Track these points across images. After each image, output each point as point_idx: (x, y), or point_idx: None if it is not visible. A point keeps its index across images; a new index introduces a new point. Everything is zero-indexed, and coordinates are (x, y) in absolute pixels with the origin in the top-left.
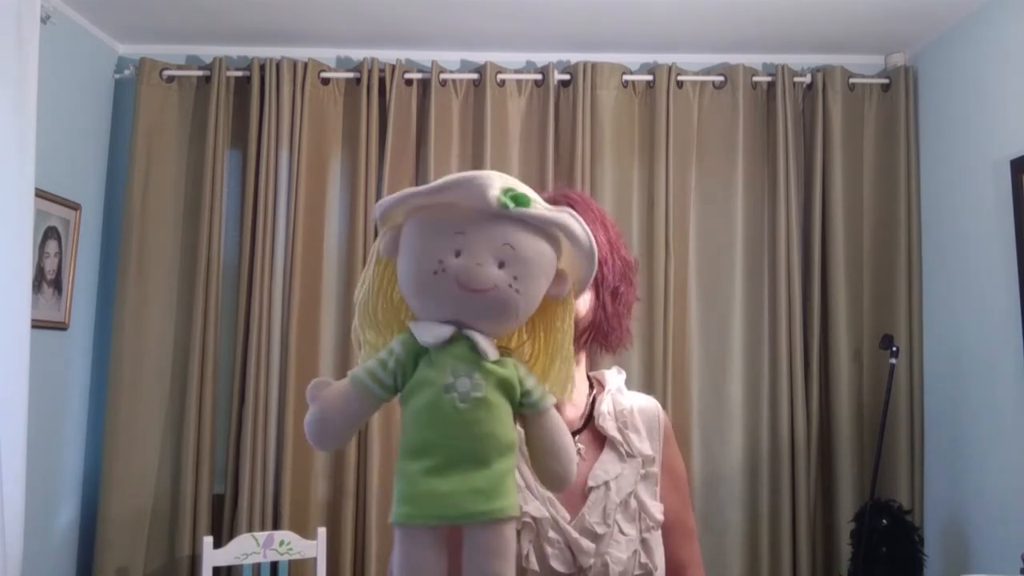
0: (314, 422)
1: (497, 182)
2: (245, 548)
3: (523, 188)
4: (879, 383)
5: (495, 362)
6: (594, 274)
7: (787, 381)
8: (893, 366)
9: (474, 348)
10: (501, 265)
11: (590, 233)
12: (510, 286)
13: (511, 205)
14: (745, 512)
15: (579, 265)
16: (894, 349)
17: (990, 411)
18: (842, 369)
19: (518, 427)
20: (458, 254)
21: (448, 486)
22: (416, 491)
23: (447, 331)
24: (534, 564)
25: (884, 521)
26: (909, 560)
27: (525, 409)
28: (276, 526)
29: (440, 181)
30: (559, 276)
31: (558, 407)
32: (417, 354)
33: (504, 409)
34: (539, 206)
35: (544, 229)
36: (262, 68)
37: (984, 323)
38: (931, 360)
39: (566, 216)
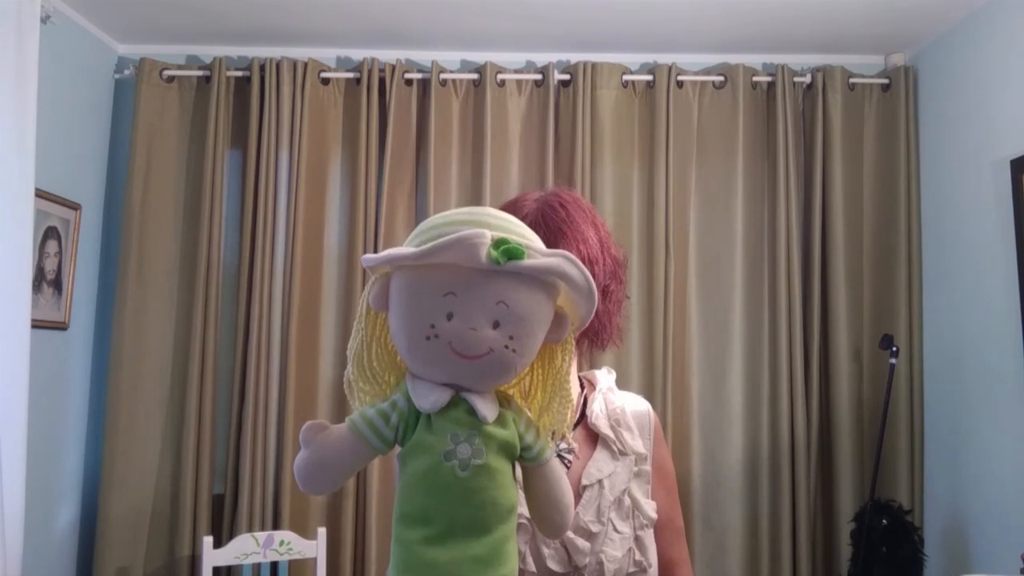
0: (308, 467)
1: (487, 237)
2: (245, 548)
3: (517, 233)
4: (879, 383)
5: (495, 422)
6: (594, 311)
7: (787, 381)
8: (893, 366)
9: (473, 411)
10: (496, 325)
11: (587, 274)
12: (506, 347)
13: (502, 261)
14: (745, 512)
15: (578, 304)
16: (894, 349)
17: (990, 411)
18: (842, 369)
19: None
20: (450, 317)
21: (448, 556)
22: (415, 561)
23: (444, 397)
24: (531, 565)
25: (884, 521)
26: (909, 560)
27: (524, 461)
28: (276, 526)
29: (429, 245)
30: (558, 319)
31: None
32: (419, 410)
33: (505, 473)
34: (533, 252)
35: (540, 278)
36: (262, 68)
37: (984, 323)
38: (931, 360)
39: (561, 262)
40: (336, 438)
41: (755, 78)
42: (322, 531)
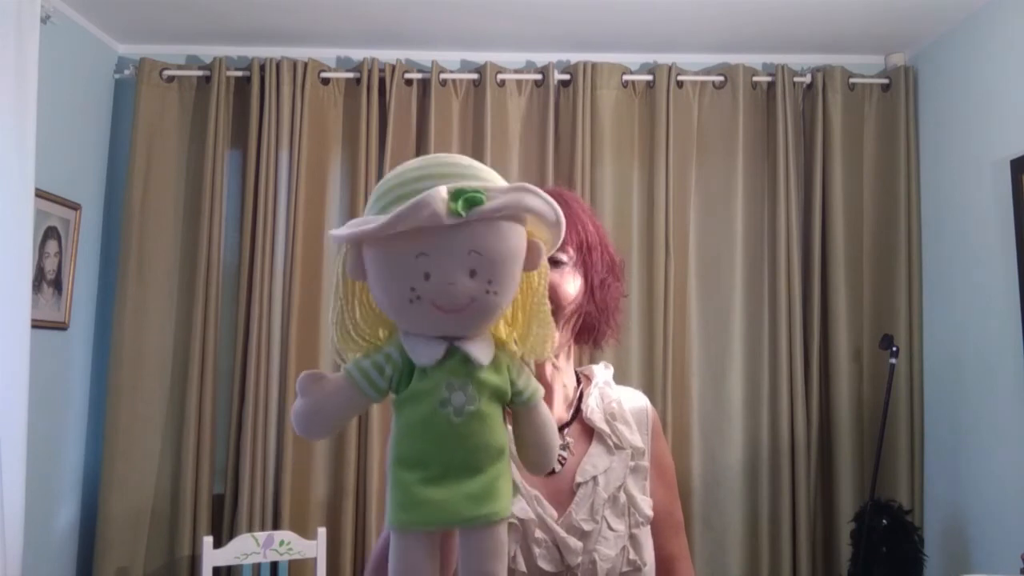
0: (305, 414)
1: (443, 191)
2: (245, 548)
3: (472, 176)
4: (879, 383)
5: (488, 367)
6: (563, 232)
7: (787, 381)
8: (893, 366)
9: (467, 359)
10: (473, 274)
11: (548, 199)
12: (487, 292)
13: (464, 211)
14: (745, 512)
15: (547, 228)
16: (894, 349)
17: (990, 411)
18: (842, 369)
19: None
20: (427, 276)
21: (444, 494)
22: (413, 499)
23: (440, 350)
24: (521, 565)
25: (884, 521)
26: (909, 560)
27: (515, 405)
28: (276, 526)
29: (389, 218)
30: (531, 247)
31: (548, 394)
32: (413, 361)
33: (496, 416)
34: (492, 192)
35: (504, 216)
36: (262, 68)
37: (984, 323)
38: (931, 360)
39: (522, 196)
40: (333, 388)
41: (755, 78)
42: (322, 531)
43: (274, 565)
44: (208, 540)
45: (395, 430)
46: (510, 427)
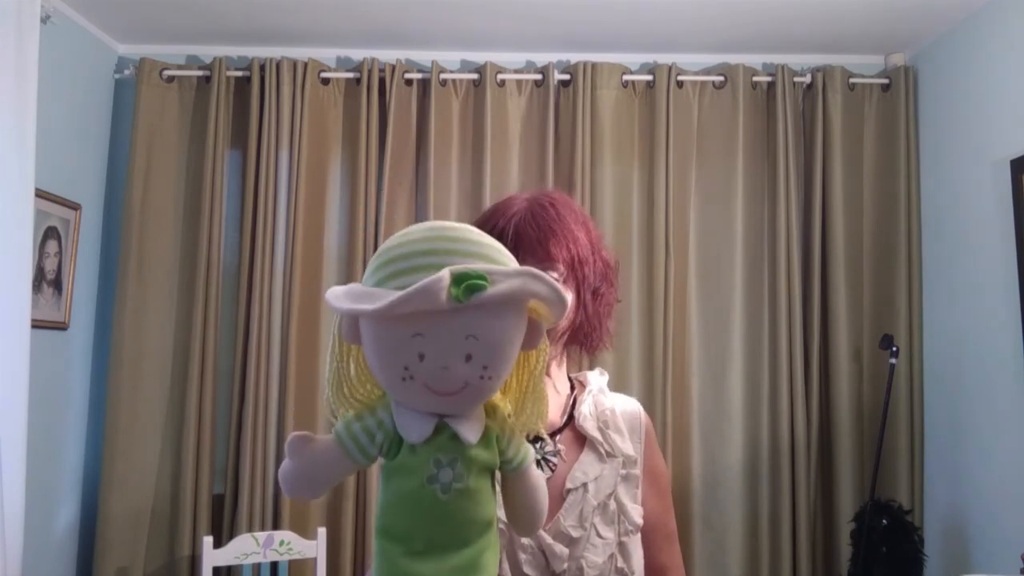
0: (294, 479)
1: (446, 280)
2: (245, 548)
3: (477, 253)
4: (879, 383)
5: (478, 443)
6: (566, 311)
7: (787, 381)
8: (893, 366)
9: (456, 436)
10: (468, 358)
11: (553, 285)
12: (481, 377)
13: (464, 299)
14: (745, 512)
15: (549, 308)
16: (894, 349)
17: (990, 411)
18: (842, 369)
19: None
20: (422, 357)
21: (429, 568)
22: (398, 571)
23: (429, 428)
24: (507, 571)
25: (884, 521)
26: (909, 560)
27: (504, 471)
28: (276, 526)
29: (391, 301)
30: (531, 327)
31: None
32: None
33: (485, 490)
34: (497, 278)
35: (506, 303)
36: (262, 68)
37: (984, 323)
38: (931, 360)
39: (525, 282)
40: (322, 451)
41: (755, 78)
42: (322, 531)
43: (274, 565)
44: (208, 540)
45: (382, 498)
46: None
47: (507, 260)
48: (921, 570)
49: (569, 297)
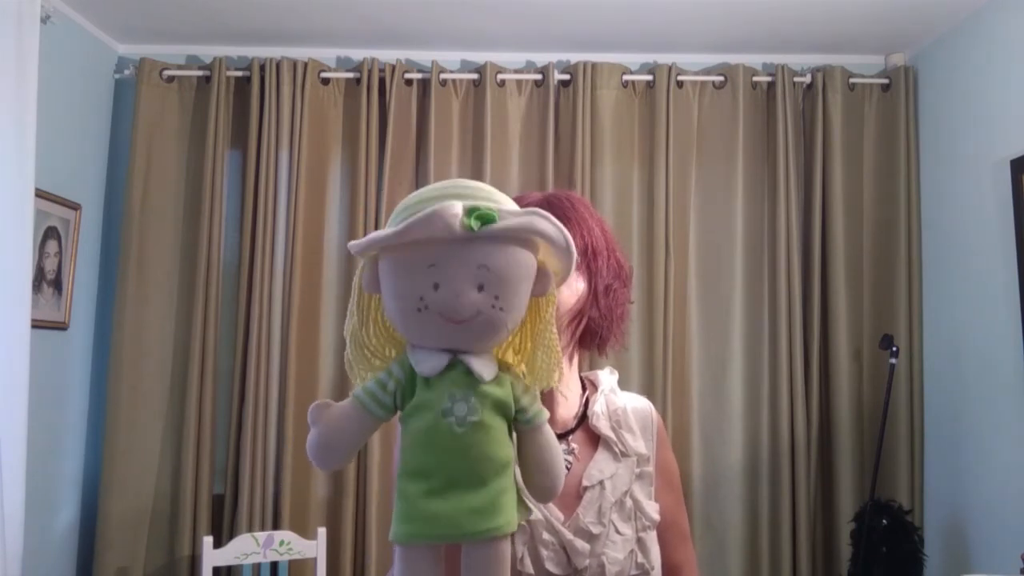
0: (317, 444)
1: (458, 206)
2: (245, 548)
3: (487, 198)
4: (879, 383)
5: (491, 382)
6: (574, 262)
7: (787, 381)
8: (893, 366)
9: (470, 371)
10: (480, 288)
11: (560, 226)
12: (493, 307)
13: (476, 227)
14: (745, 512)
15: (558, 257)
16: (894, 349)
17: (990, 411)
18: (842, 369)
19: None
20: (436, 287)
21: (447, 507)
22: (416, 512)
23: (443, 361)
24: (529, 567)
25: (884, 521)
26: (909, 560)
27: (520, 424)
28: (276, 526)
29: (405, 224)
30: (541, 274)
31: (549, 399)
32: (416, 374)
33: (500, 429)
34: (506, 214)
35: (516, 237)
36: (262, 68)
37: (984, 323)
38: (931, 360)
39: (534, 219)
40: (341, 413)
41: (755, 78)
42: (322, 531)
43: (274, 565)
44: (208, 540)
45: (401, 443)
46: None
47: (515, 208)
48: (921, 570)
49: (582, 286)
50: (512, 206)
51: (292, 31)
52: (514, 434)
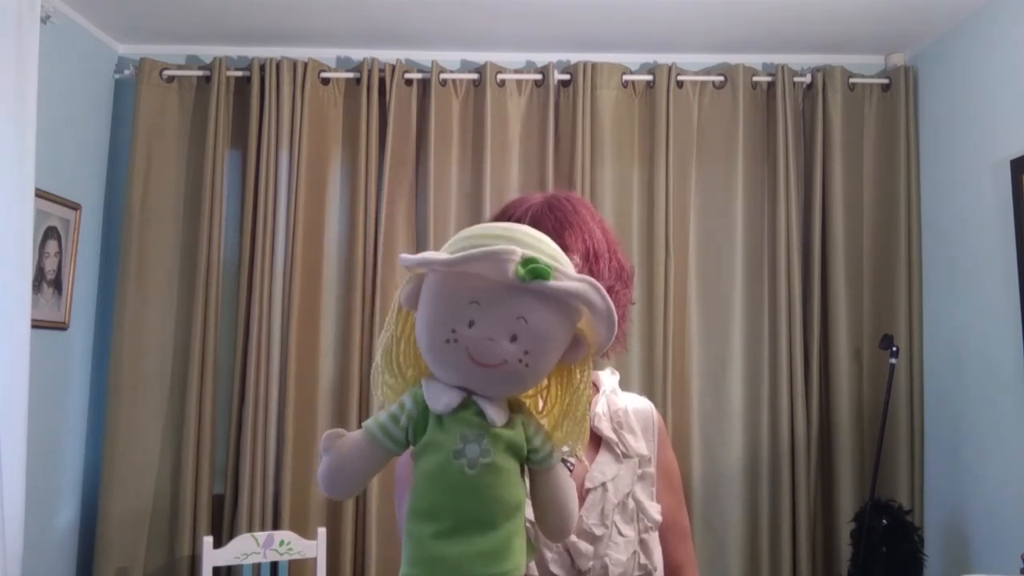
0: (328, 474)
1: (517, 255)
2: (245, 548)
3: (549, 255)
4: (879, 383)
5: (503, 425)
6: (613, 338)
7: (787, 381)
8: (893, 366)
9: (482, 413)
10: (514, 338)
11: (610, 303)
12: (520, 360)
13: (528, 279)
14: (745, 512)
15: (598, 331)
16: (894, 349)
17: (990, 411)
18: (842, 369)
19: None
20: (471, 324)
21: (456, 550)
22: (424, 554)
23: (456, 399)
24: (533, 569)
25: (884, 521)
26: (909, 560)
27: (533, 465)
28: (276, 526)
29: (461, 254)
30: (576, 341)
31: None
32: (428, 410)
33: (512, 471)
34: (560, 275)
35: (562, 300)
36: (262, 68)
37: (984, 323)
38: (931, 360)
39: (586, 288)
40: (353, 444)
41: (755, 78)
42: (322, 531)
43: (274, 565)
44: (208, 540)
45: (413, 482)
46: (528, 491)
47: (574, 275)
48: (921, 570)
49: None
50: (570, 270)
51: (292, 31)
52: (526, 475)
